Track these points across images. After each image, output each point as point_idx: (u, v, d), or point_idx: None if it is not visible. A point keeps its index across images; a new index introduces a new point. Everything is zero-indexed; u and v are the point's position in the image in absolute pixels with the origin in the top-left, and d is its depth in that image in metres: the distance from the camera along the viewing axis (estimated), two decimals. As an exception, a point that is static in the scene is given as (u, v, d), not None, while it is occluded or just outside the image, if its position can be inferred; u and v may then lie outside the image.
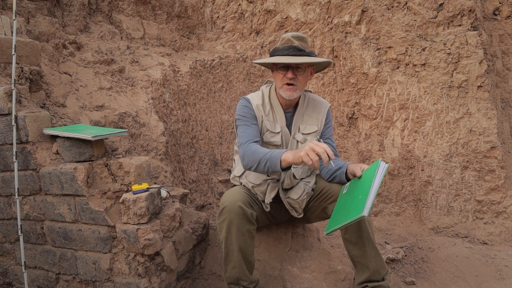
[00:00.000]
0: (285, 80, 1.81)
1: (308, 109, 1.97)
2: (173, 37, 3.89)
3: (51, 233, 2.00)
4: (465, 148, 3.11)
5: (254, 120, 1.90)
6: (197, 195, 3.21)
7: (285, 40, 1.82)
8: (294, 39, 1.80)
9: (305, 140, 1.93)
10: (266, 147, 1.92)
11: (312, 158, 1.55)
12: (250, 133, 1.85)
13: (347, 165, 1.81)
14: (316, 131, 1.95)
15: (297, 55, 1.77)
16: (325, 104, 2.02)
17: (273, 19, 3.91)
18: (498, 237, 2.93)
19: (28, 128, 1.97)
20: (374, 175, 1.55)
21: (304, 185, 1.96)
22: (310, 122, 1.96)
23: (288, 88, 1.82)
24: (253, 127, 1.87)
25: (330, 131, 2.02)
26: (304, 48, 1.79)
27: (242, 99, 1.96)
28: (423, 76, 3.27)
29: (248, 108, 1.91)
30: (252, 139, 1.82)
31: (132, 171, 1.93)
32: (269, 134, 1.92)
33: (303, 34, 1.87)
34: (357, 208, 1.49)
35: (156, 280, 1.88)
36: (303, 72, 1.82)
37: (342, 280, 2.07)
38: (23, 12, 2.70)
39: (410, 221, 3.30)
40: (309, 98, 2.01)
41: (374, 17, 3.42)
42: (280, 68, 1.83)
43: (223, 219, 1.74)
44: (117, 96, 2.79)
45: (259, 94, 1.98)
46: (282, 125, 1.93)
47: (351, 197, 1.63)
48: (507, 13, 3.46)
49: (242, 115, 1.90)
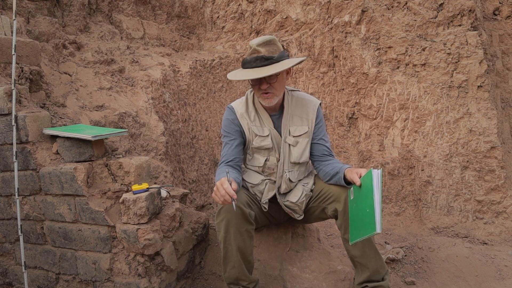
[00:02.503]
0: (261, 90, 1.80)
1: (296, 109, 1.94)
2: (173, 37, 3.89)
3: (51, 233, 2.00)
4: (465, 148, 3.11)
5: (235, 134, 1.92)
6: (197, 195, 3.21)
7: (252, 50, 1.75)
8: (260, 48, 1.73)
9: (297, 142, 1.91)
10: (258, 152, 1.94)
11: (219, 199, 1.55)
12: (226, 153, 1.90)
13: (344, 170, 1.79)
14: (307, 132, 1.92)
15: (265, 65, 1.72)
16: (314, 102, 1.97)
17: (273, 19, 3.91)
18: (498, 237, 2.93)
19: (28, 128, 1.97)
20: (372, 186, 1.55)
21: (302, 187, 1.95)
22: (300, 123, 1.93)
23: (265, 96, 1.80)
24: (231, 144, 1.91)
25: (322, 130, 1.98)
26: (272, 55, 1.73)
27: (227, 108, 1.97)
28: (423, 76, 3.27)
29: (229, 121, 1.93)
30: (226, 160, 1.88)
31: (132, 171, 1.93)
32: (258, 139, 1.91)
33: (270, 37, 1.79)
34: (370, 223, 1.52)
35: (156, 280, 1.88)
36: (275, 79, 1.77)
37: (342, 280, 2.07)
38: (23, 12, 2.70)
39: (410, 221, 3.30)
40: (297, 98, 1.96)
41: (374, 17, 3.42)
42: (253, 81, 1.80)
43: (221, 219, 1.74)
44: (117, 96, 2.79)
45: (243, 101, 1.97)
46: (270, 127, 1.91)
47: (360, 207, 1.63)
48: (507, 13, 3.46)
49: (225, 130, 1.95)
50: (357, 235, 1.60)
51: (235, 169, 1.87)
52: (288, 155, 1.92)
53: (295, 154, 1.91)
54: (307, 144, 1.93)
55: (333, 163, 1.91)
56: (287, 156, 1.92)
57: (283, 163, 1.92)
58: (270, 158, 1.93)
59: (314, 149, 1.96)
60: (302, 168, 1.97)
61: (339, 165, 1.86)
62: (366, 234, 1.52)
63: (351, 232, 1.66)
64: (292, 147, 1.91)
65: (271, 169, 1.94)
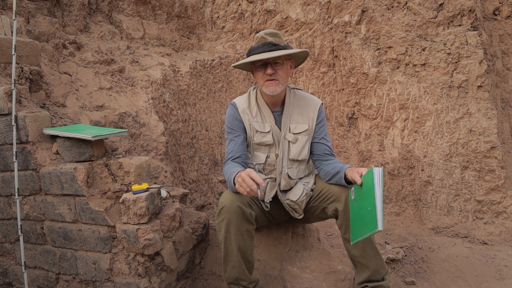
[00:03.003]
0: (266, 77, 1.82)
1: (297, 107, 1.96)
2: (173, 37, 3.89)
3: (51, 233, 2.00)
4: (465, 148, 3.11)
5: (239, 130, 1.94)
6: (197, 195, 3.21)
7: (259, 39, 1.84)
8: (268, 36, 1.81)
9: (296, 139, 1.92)
10: (258, 148, 1.95)
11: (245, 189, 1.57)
12: (232, 149, 1.91)
13: (345, 169, 1.79)
14: (307, 130, 1.94)
15: (273, 50, 1.77)
16: (316, 101, 1.99)
17: (273, 19, 3.91)
18: (498, 237, 2.93)
19: (28, 128, 1.97)
20: (373, 184, 1.55)
21: (303, 185, 1.95)
22: (300, 120, 1.94)
23: (270, 83, 1.82)
24: (236, 140, 1.92)
25: (324, 130, 1.99)
26: (279, 43, 1.80)
27: (230, 105, 1.99)
28: (423, 76, 3.27)
29: (233, 117, 1.95)
30: (232, 156, 1.90)
31: (132, 171, 1.93)
32: (259, 135, 1.92)
33: (277, 31, 1.87)
34: (371, 221, 1.52)
35: (156, 280, 1.88)
36: (281, 66, 1.82)
37: (342, 280, 2.07)
38: (23, 12, 2.70)
39: (410, 221, 3.30)
40: (299, 96, 1.99)
41: (374, 17, 3.42)
42: (259, 67, 1.84)
43: (221, 219, 1.74)
44: (117, 96, 2.79)
45: (245, 97, 1.99)
46: (271, 124, 1.93)
47: (361, 206, 1.63)
48: (507, 13, 3.46)
49: (229, 126, 1.96)
50: (358, 235, 1.60)
51: (242, 166, 1.87)
52: (287, 151, 1.92)
53: (294, 151, 1.92)
54: (306, 141, 1.94)
55: (333, 162, 1.91)
56: (286, 152, 1.92)
57: (282, 160, 1.92)
58: (271, 154, 1.93)
59: (316, 149, 1.97)
60: (302, 166, 1.97)
61: (339, 164, 1.86)
62: (368, 232, 1.52)
63: (352, 232, 1.66)
64: (291, 144, 1.92)
65: (271, 165, 1.94)
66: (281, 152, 1.92)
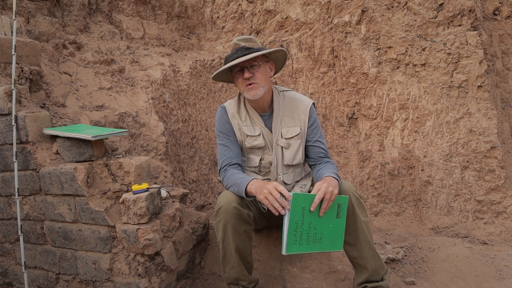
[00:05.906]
0: (245, 82, 1.80)
1: (287, 110, 1.92)
2: (173, 37, 3.89)
3: (51, 233, 2.00)
4: (465, 148, 3.11)
5: (231, 134, 1.93)
6: (197, 195, 3.21)
7: (232, 45, 1.84)
8: (240, 41, 1.81)
9: (289, 145, 1.89)
10: (251, 152, 1.94)
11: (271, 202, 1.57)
12: (228, 155, 1.89)
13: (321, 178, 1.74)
14: (299, 133, 1.90)
15: (246, 54, 1.76)
16: (306, 102, 1.93)
17: (273, 19, 3.91)
18: (498, 237, 2.93)
19: (28, 128, 1.97)
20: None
21: (299, 188, 1.95)
22: (292, 124, 1.91)
23: (249, 87, 1.80)
24: (230, 146, 1.91)
25: (317, 131, 1.94)
26: (253, 46, 1.79)
27: (220, 108, 1.98)
28: (423, 76, 3.27)
29: (224, 120, 1.94)
30: (230, 162, 1.88)
31: (132, 171, 1.93)
32: (250, 139, 1.91)
33: (250, 36, 1.86)
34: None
35: (156, 280, 1.88)
36: (258, 68, 1.80)
37: (342, 280, 2.07)
38: (23, 12, 2.70)
39: (410, 221, 3.30)
40: (288, 98, 1.95)
41: (374, 17, 3.42)
42: (237, 73, 1.83)
43: (219, 220, 1.74)
44: (117, 96, 2.79)
45: (235, 101, 1.98)
46: (261, 126, 1.91)
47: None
48: (507, 13, 3.46)
49: (220, 131, 1.94)
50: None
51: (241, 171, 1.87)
52: (281, 157, 1.91)
53: (287, 156, 1.90)
54: (299, 145, 1.91)
55: (321, 168, 1.86)
56: (280, 158, 1.91)
57: (277, 166, 1.91)
58: (265, 157, 1.93)
59: (311, 152, 1.94)
60: (297, 169, 1.96)
61: (323, 171, 1.80)
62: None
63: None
64: (284, 149, 1.90)
65: (266, 168, 1.94)
66: (274, 158, 1.90)
